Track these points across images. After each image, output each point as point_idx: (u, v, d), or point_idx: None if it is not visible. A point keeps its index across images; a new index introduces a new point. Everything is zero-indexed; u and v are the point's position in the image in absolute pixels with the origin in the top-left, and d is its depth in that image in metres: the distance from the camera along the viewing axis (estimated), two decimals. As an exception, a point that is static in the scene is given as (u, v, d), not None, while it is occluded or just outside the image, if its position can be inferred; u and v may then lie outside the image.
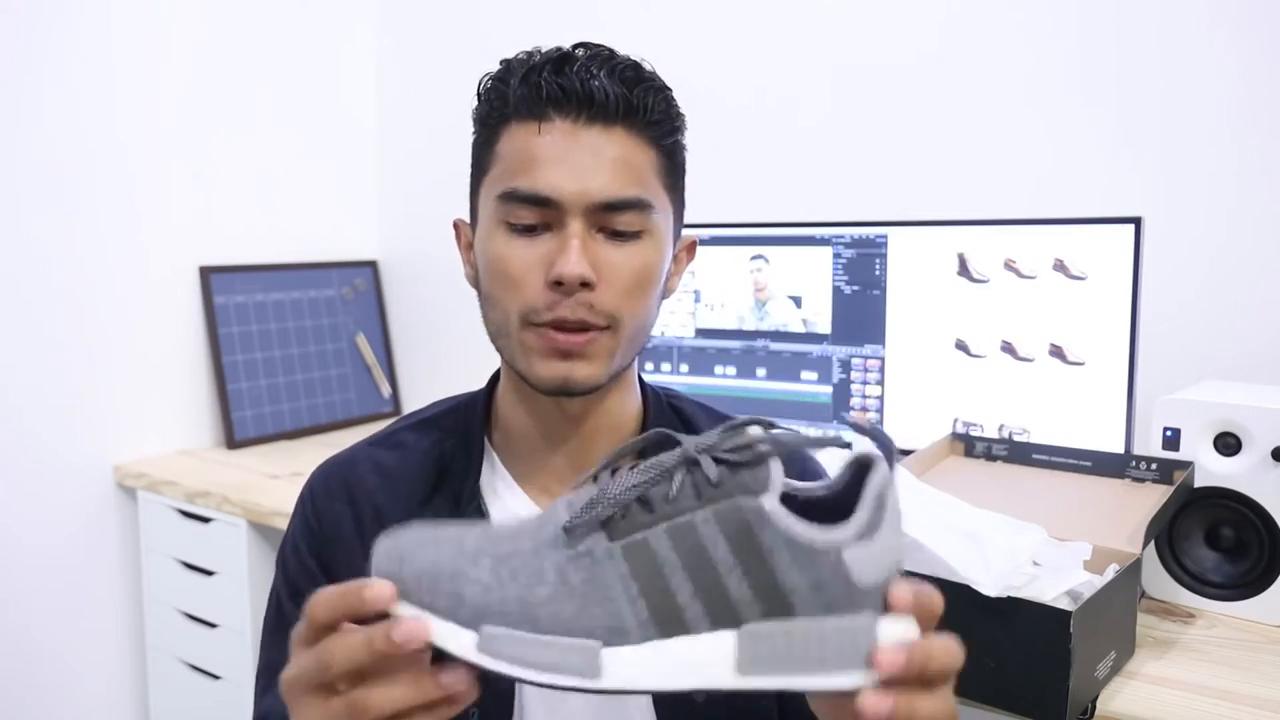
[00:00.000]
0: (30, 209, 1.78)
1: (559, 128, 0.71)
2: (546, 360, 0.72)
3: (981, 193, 1.59)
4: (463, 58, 2.18)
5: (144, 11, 1.90)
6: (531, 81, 0.72)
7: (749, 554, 0.47)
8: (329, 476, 0.83)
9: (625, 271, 0.72)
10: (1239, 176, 1.39)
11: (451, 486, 0.80)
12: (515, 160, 0.72)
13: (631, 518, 0.48)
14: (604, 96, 0.71)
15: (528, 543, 0.49)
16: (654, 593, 0.47)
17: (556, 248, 0.71)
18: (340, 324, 2.24)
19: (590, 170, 0.71)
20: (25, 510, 1.79)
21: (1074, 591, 0.96)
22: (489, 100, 0.76)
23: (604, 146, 0.72)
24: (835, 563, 0.47)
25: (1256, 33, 1.37)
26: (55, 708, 1.85)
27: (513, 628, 0.47)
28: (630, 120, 0.73)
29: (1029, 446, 1.30)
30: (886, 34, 1.67)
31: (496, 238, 0.73)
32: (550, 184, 0.71)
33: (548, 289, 0.71)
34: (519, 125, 0.73)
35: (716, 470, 0.48)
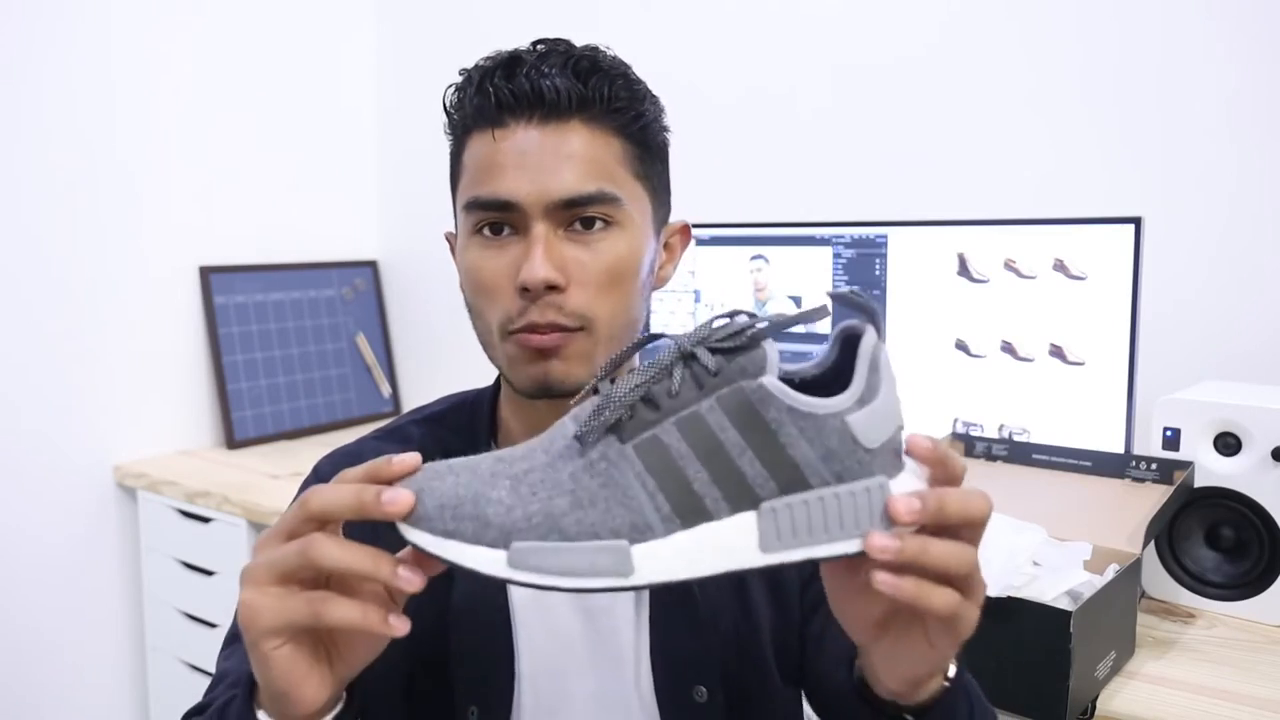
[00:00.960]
0: (30, 209, 1.78)
1: (514, 132, 0.71)
2: (527, 364, 0.72)
3: (981, 193, 1.59)
4: (463, 57, 2.17)
5: (144, 12, 1.90)
6: (484, 89, 0.72)
7: (757, 433, 0.48)
8: (336, 465, 0.83)
9: (595, 269, 0.71)
10: (1239, 176, 1.39)
11: None
12: (477, 169, 0.73)
13: (639, 417, 0.49)
14: (554, 94, 0.71)
15: (541, 457, 0.50)
16: (671, 485, 0.48)
17: (523, 253, 0.71)
18: (340, 324, 2.24)
19: (548, 170, 0.70)
20: (25, 510, 1.79)
21: (1074, 591, 0.96)
22: (451, 113, 0.77)
23: (561, 144, 0.71)
24: (841, 429, 0.48)
25: (1256, 33, 1.37)
26: (55, 707, 1.85)
27: (541, 540, 0.48)
28: (587, 112, 0.72)
29: (1029, 446, 1.30)
30: (886, 34, 1.67)
31: (469, 248, 0.74)
32: (508, 188, 0.70)
33: (518, 295, 0.71)
34: (478, 134, 0.73)
35: (714, 360, 0.49)
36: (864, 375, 0.50)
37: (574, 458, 0.50)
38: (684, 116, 2.00)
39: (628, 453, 0.49)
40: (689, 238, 0.84)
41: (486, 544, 0.48)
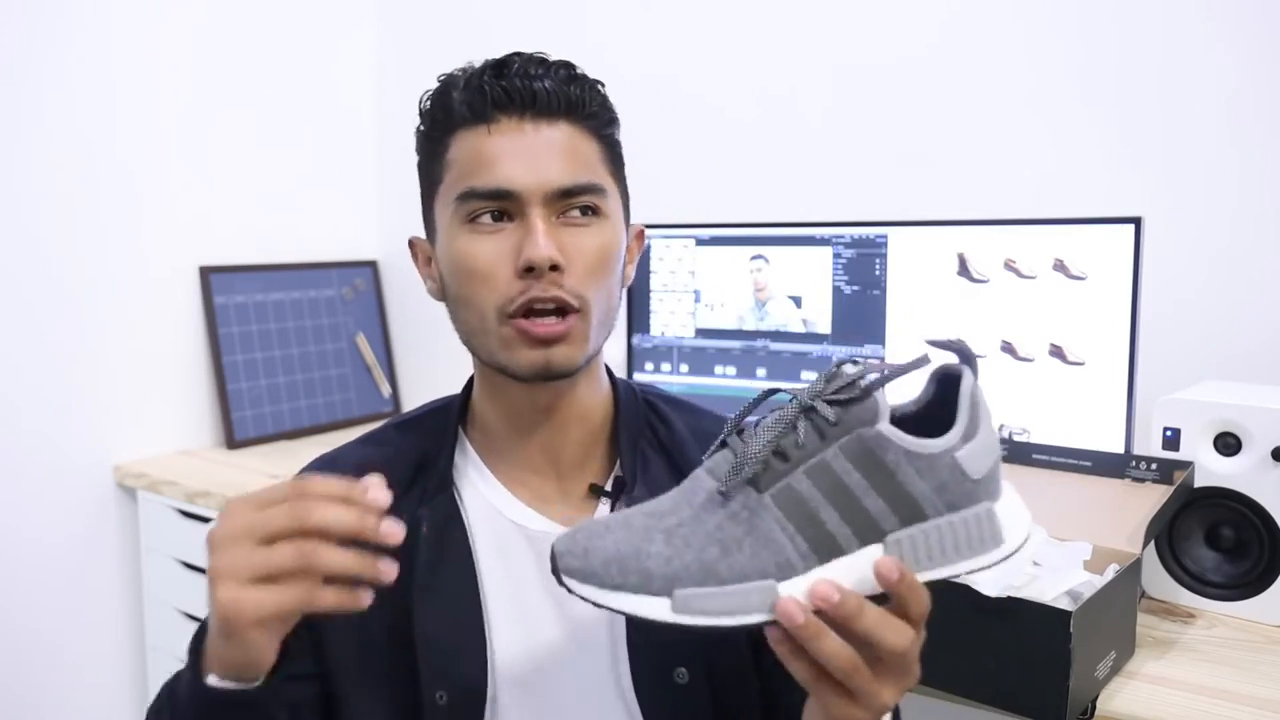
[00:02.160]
0: (30, 209, 1.78)
1: (507, 126, 0.75)
2: (527, 350, 0.75)
3: (981, 193, 1.59)
4: (463, 58, 2.17)
5: (144, 11, 1.90)
6: (474, 87, 0.76)
7: (878, 474, 0.55)
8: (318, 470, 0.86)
9: (589, 253, 0.76)
10: (1239, 176, 1.39)
11: (428, 475, 0.83)
12: (469, 162, 0.76)
13: (772, 469, 0.56)
14: (545, 94, 0.75)
15: (687, 510, 0.56)
16: (807, 527, 0.55)
17: (522, 236, 0.74)
18: (340, 324, 2.24)
19: (543, 160, 0.75)
20: (25, 510, 1.79)
21: (1074, 591, 0.96)
22: (433, 114, 0.80)
23: (551, 140, 0.76)
24: (951, 465, 0.55)
25: (1256, 33, 1.37)
26: (55, 707, 1.85)
27: (699, 585, 0.54)
28: (572, 114, 0.77)
29: (1029, 446, 1.29)
30: (887, 34, 1.67)
31: (460, 237, 0.76)
32: (507, 176, 0.74)
33: (518, 278, 0.74)
34: (467, 131, 0.76)
35: (832, 411, 0.56)
36: (966, 413, 0.57)
37: (717, 509, 0.56)
38: (684, 117, 2.00)
39: (766, 501, 0.55)
40: (644, 243, 0.89)
41: (651, 593, 0.55)
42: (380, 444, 0.87)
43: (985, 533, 0.56)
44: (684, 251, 1.65)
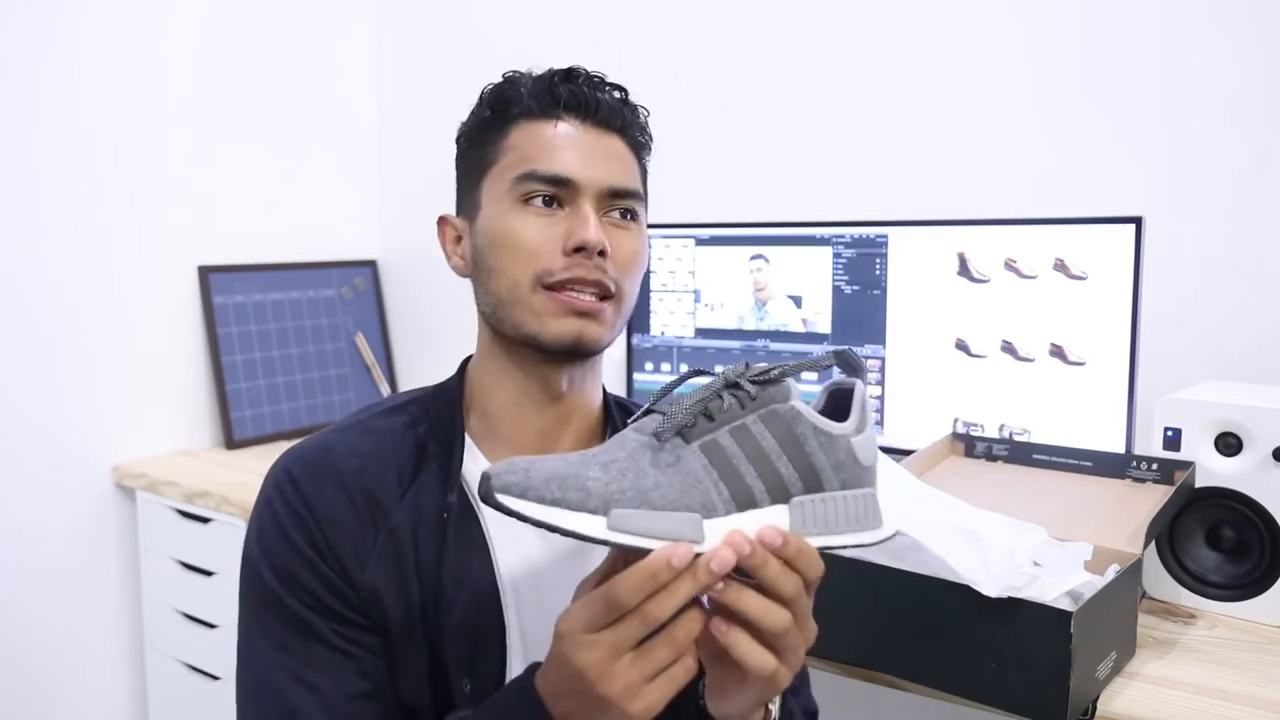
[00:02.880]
0: (30, 209, 1.78)
1: (571, 125, 0.81)
2: (561, 318, 0.78)
3: (982, 192, 1.59)
4: (462, 58, 2.18)
5: (143, 11, 1.90)
6: (544, 85, 0.82)
7: (789, 443, 0.63)
8: (310, 463, 0.81)
9: (628, 250, 0.81)
10: (1240, 176, 1.39)
11: (436, 466, 0.82)
12: (532, 148, 0.81)
13: (699, 426, 0.63)
14: (607, 106, 0.83)
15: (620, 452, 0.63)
16: (729, 477, 0.62)
17: (574, 223, 0.78)
18: (339, 324, 2.24)
19: (600, 160, 0.81)
20: (25, 510, 1.79)
21: (1075, 592, 0.95)
22: (497, 101, 0.84)
23: (607, 144, 0.82)
24: (847, 448, 0.65)
25: (1257, 33, 1.37)
26: (55, 708, 1.85)
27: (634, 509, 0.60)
28: (624, 130, 0.84)
29: (1029, 446, 1.29)
30: (887, 34, 1.67)
31: (512, 214, 0.80)
32: (568, 166, 0.79)
33: (565, 255, 0.78)
34: (531, 122, 0.82)
35: (753, 388, 0.64)
36: (859, 411, 0.67)
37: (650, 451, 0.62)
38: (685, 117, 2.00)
39: (694, 449, 0.62)
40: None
41: (588, 510, 0.59)
42: (372, 432, 0.84)
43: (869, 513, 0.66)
44: (684, 251, 1.65)
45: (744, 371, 0.65)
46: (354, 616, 0.77)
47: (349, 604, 0.77)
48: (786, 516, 0.63)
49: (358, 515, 0.79)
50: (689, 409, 0.63)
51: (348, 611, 0.77)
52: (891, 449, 1.39)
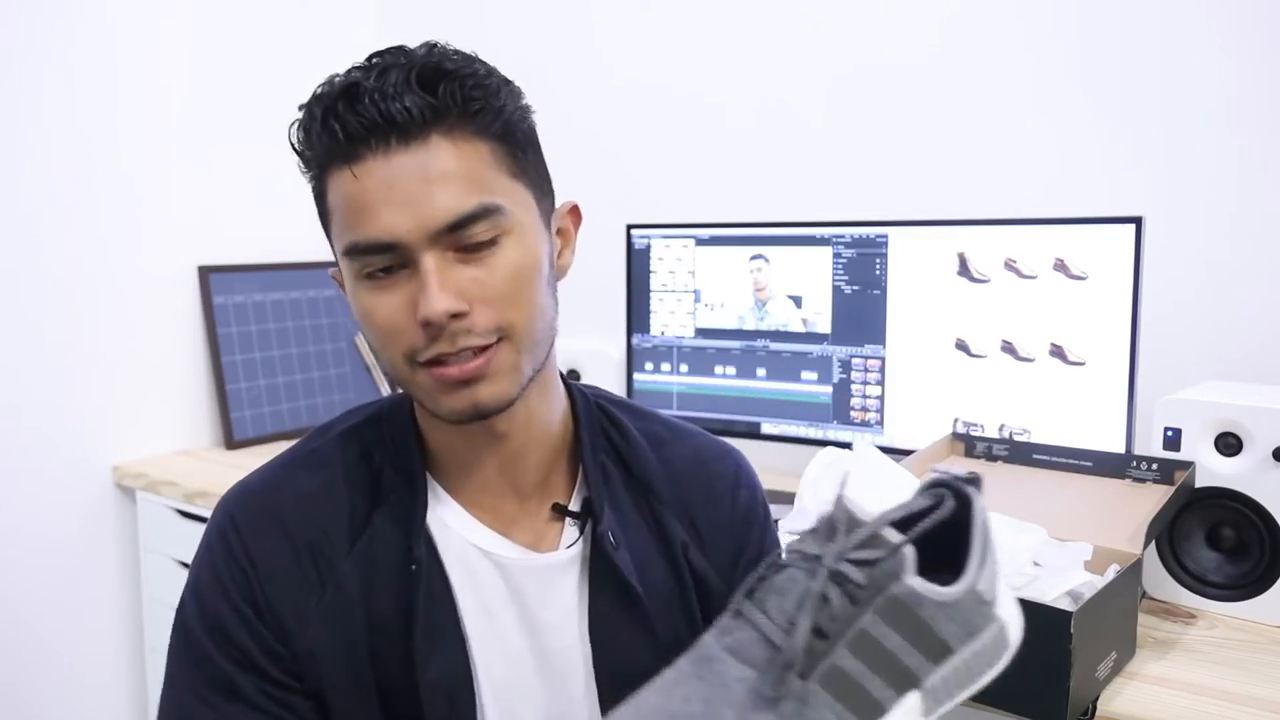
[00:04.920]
0: (30, 209, 1.77)
1: (372, 163, 0.66)
2: (448, 394, 0.69)
3: (982, 192, 1.59)
4: (462, 57, 2.18)
5: (143, 11, 1.90)
6: (330, 125, 0.67)
7: (914, 631, 0.52)
8: (254, 509, 0.77)
9: (495, 284, 0.68)
10: (1240, 176, 1.39)
11: (393, 511, 0.76)
12: (344, 211, 0.68)
13: (814, 651, 0.51)
14: (405, 114, 0.65)
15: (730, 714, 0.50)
16: (857, 704, 0.51)
17: (417, 287, 0.67)
18: (339, 324, 2.24)
19: (420, 197, 0.65)
20: (24, 510, 1.79)
21: (1075, 592, 0.95)
22: (302, 155, 0.71)
23: (426, 165, 0.66)
24: (973, 597, 0.54)
25: (1257, 33, 1.37)
26: (54, 708, 1.85)
27: None
28: (444, 124, 0.67)
29: (1029, 446, 1.29)
30: (887, 34, 1.67)
31: (360, 294, 0.70)
32: (383, 227, 0.66)
33: (420, 331, 0.67)
34: (335, 172, 0.68)
35: (861, 573, 0.51)
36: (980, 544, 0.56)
37: (768, 710, 0.50)
38: (684, 117, 2.01)
39: (814, 688, 0.51)
40: (579, 217, 0.80)
41: None
42: (323, 467, 0.78)
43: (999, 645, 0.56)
44: (684, 251, 1.65)
45: (844, 548, 0.52)
46: (285, 679, 0.72)
47: (282, 665, 0.72)
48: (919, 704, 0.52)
49: (301, 571, 0.74)
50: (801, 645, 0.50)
51: (280, 674, 0.72)
52: (891, 449, 1.39)
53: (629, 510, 0.80)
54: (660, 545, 0.80)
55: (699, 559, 0.81)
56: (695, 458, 0.85)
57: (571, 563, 0.77)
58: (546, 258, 0.73)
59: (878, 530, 0.52)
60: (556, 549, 0.78)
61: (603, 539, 0.76)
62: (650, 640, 0.76)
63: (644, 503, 0.81)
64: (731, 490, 0.84)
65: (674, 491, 0.82)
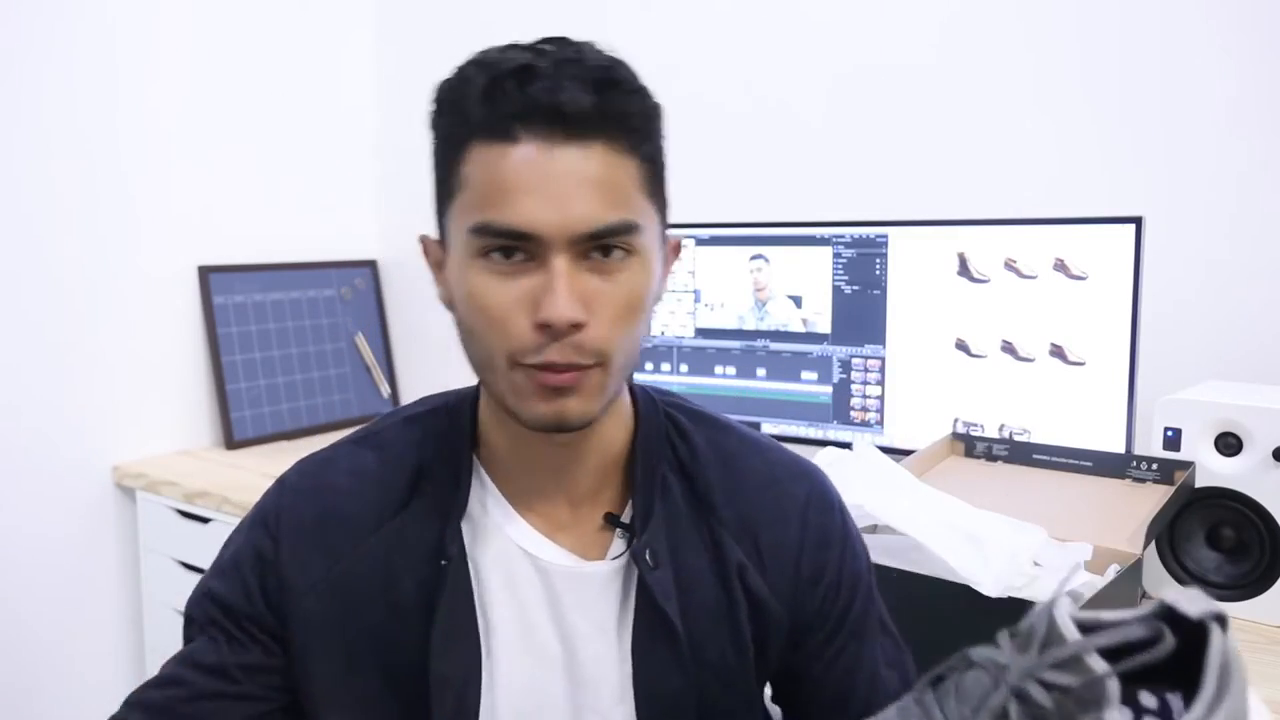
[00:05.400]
0: (29, 209, 1.77)
1: (530, 148, 0.64)
2: (539, 401, 0.67)
3: (982, 192, 1.59)
4: (462, 57, 2.17)
5: (144, 11, 1.90)
6: (495, 97, 0.65)
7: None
8: (304, 473, 0.81)
9: (615, 303, 0.67)
10: (1240, 176, 1.39)
11: (433, 495, 0.77)
12: (485, 187, 0.65)
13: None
14: (577, 109, 0.64)
15: None
16: None
17: (541, 285, 0.65)
18: (339, 324, 2.24)
19: (570, 196, 0.64)
20: (24, 510, 1.79)
21: (1075, 592, 0.95)
22: (448, 116, 0.69)
23: (582, 167, 0.64)
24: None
25: (1257, 33, 1.37)
26: (54, 708, 1.85)
27: None
28: (608, 132, 0.66)
29: (1029, 446, 1.29)
30: (887, 34, 1.67)
31: (472, 271, 0.67)
32: (526, 216, 0.64)
33: (535, 330, 0.65)
34: (485, 146, 0.66)
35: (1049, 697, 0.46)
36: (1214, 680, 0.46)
37: None
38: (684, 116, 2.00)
39: None
40: (679, 254, 0.81)
41: None
42: (378, 447, 0.80)
43: None
44: (684, 251, 1.65)
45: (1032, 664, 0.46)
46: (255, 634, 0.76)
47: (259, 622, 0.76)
48: None
49: (322, 536, 0.76)
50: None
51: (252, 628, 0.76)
52: (891, 449, 1.39)
53: (685, 525, 0.77)
54: (714, 564, 0.77)
55: (756, 581, 0.77)
56: (766, 475, 0.80)
57: (615, 574, 0.76)
58: (657, 286, 0.73)
59: (1080, 654, 0.46)
60: (603, 559, 0.77)
61: (639, 557, 0.74)
62: (682, 660, 0.74)
63: (702, 519, 0.78)
64: (802, 511, 0.79)
65: (736, 509, 0.78)
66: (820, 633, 0.79)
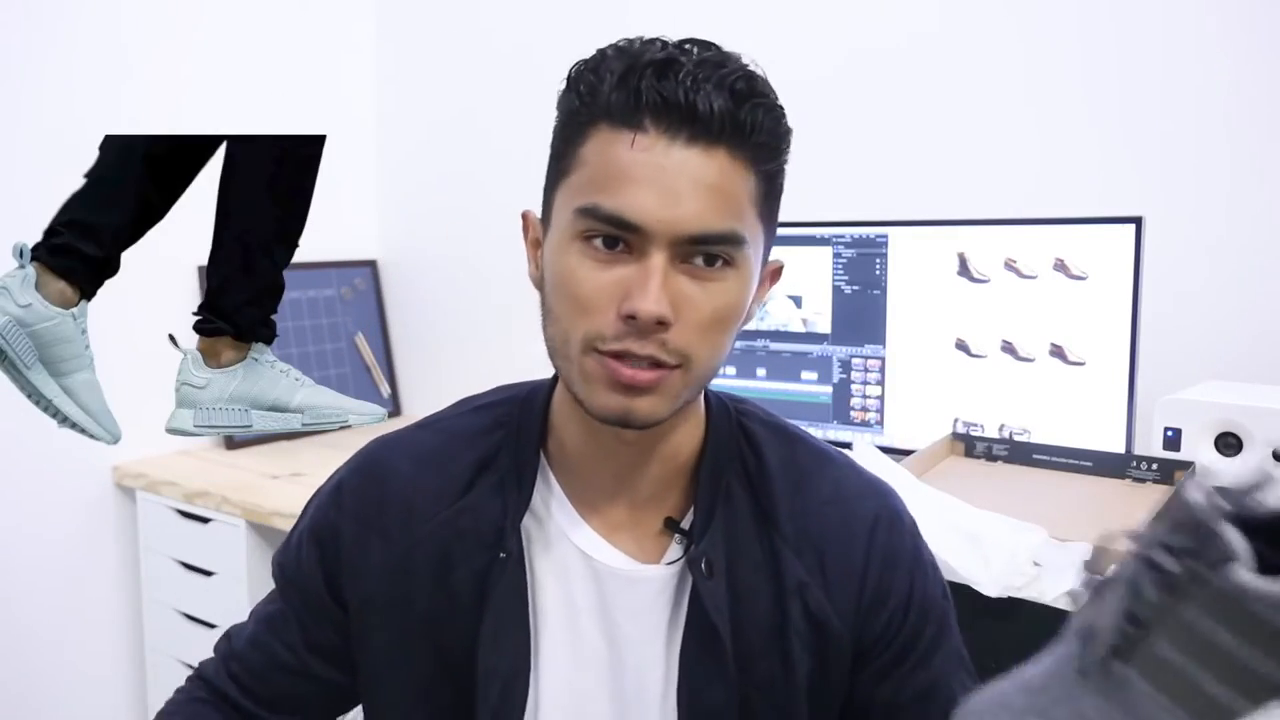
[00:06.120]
0: (29, 209, 1.77)
1: (654, 141, 0.64)
2: (608, 391, 0.66)
3: (982, 192, 1.59)
4: (462, 56, 2.18)
5: (143, 11, 1.90)
6: (630, 84, 0.65)
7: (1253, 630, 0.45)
8: (369, 455, 0.82)
9: (706, 310, 0.66)
10: (1239, 176, 1.39)
11: (495, 484, 0.77)
12: (601, 171, 0.66)
13: (1129, 637, 0.48)
14: (709, 112, 0.64)
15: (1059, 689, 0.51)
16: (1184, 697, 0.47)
17: (635, 277, 0.64)
18: (339, 324, 2.24)
19: (683, 196, 0.64)
20: (24, 510, 1.79)
21: (1075, 592, 0.95)
22: (578, 93, 0.68)
23: (701, 170, 0.64)
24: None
25: (1256, 33, 1.37)
26: (54, 708, 1.85)
27: None
28: (734, 141, 0.65)
29: (1029, 446, 1.29)
30: (886, 34, 1.67)
31: (570, 252, 0.67)
32: (637, 207, 0.64)
33: (619, 320, 0.65)
34: (610, 130, 0.66)
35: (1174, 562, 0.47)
36: None
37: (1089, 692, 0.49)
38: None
39: (1131, 676, 0.48)
40: (779, 279, 0.79)
41: None
42: (443, 432, 0.80)
43: None
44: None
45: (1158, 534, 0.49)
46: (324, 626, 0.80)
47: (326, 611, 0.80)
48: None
49: (383, 521, 0.78)
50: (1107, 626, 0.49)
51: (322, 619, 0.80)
52: (891, 449, 1.39)
53: (746, 537, 0.76)
54: (771, 580, 0.75)
55: (819, 599, 0.75)
56: (835, 493, 0.78)
57: (669, 581, 0.75)
58: (750, 304, 0.72)
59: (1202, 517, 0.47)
60: (658, 563, 0.76)
61: (695, 564, 0.73)
62: (727, 673, 0.72)
63: (764, 533, 0.76)
64: (869, 531, 0.76)
65: (801, 525, 0.76)
66: (885, 655, 0.76)
